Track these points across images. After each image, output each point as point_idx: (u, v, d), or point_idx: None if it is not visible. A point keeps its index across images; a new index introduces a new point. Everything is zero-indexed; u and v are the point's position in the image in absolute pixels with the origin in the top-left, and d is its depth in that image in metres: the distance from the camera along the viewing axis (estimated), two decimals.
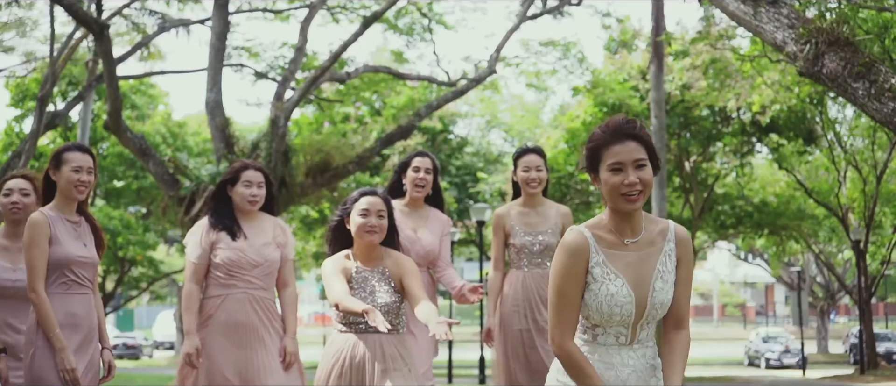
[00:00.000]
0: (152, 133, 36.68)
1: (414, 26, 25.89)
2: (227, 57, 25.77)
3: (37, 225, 5.48)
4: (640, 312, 3.65)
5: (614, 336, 3.67)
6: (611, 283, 3.62)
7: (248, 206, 6.19)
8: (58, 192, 5.65)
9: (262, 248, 6.18)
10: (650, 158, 3.69)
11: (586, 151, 3.75)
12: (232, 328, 6.01)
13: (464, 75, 24.08)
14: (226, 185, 6.27)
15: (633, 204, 3.64)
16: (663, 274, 3.70)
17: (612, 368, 3.65)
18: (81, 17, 16.61)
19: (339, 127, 27.90)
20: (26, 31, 30.40)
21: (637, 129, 3.69)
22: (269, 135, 18.27)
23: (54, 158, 5.67)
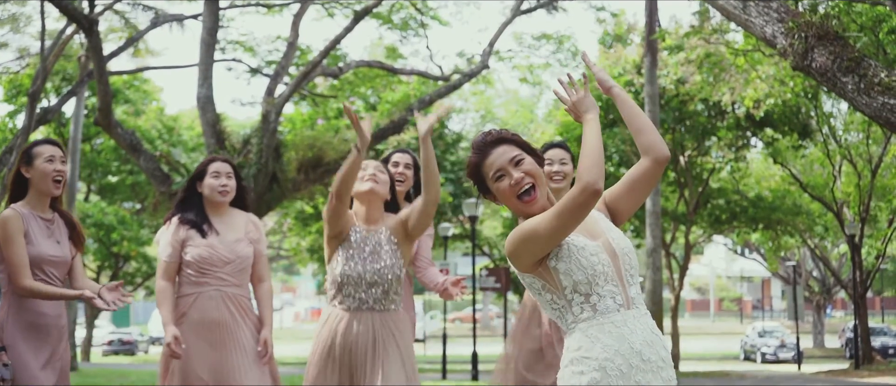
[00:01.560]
0: (147, 128, 36.62)
1: (408, 21, 25.81)
2: (221, 52, 25.74)
3: (10, 220, 5.41)
4: (616, 263, 3.58)
5: (611, 298, 3.54)
6: (573, 240, 3.55)
7: (218, 196, 6.08)
8: (31, 188, 5.58)
9: (234, 244, 6.06)
10: (529, 153, 3.69)
11: (471, 180, 3.78)
12: (205, 327, 5.90)
13: (457, 70, 24.01)
14: (194, 181, 6.17)
15: (533, 202, 3.63)
16: (610, 227, 3.68)
17: (624, 340, 3.51)
18: (70, 12, 16.54)
19: (334, 123, 27.82)
20: (20, 27, 30.34)
21: (499, 134, 3.72)
22: (260, 130, 18.19)
23: (25, 155, 5.60)
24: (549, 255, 3.54)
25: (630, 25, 28.67)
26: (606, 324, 3.53)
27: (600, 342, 3.51)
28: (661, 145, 3.68)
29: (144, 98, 38.54)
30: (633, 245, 3.70)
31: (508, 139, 3.68)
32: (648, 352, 3.53)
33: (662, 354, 3.58)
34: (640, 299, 3.65)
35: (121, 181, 37.95)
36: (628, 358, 3.49)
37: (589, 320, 3.55)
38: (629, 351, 3.50)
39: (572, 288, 3.54)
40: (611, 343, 3.50)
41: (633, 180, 3.72)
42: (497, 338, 48.42)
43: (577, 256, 3.52)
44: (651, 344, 3.55)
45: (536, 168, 3.64)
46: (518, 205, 3.62)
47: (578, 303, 3.56)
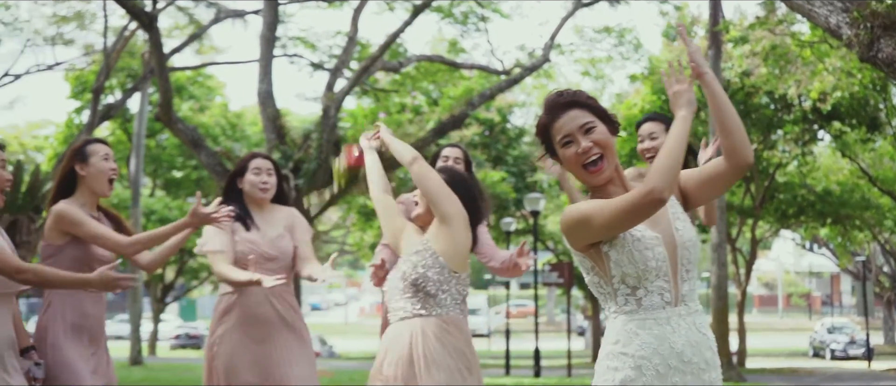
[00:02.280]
0: (210, 124, 36.87)
1: (469, 15, 25.70)
2: (282, 47, 25.82)
3: (70, 206, 5.40)
4: (672, 256, 3.41)
5: (658, 294, 3.38)
6: (628, 232, 3.37)
7: (259, 193, 6.00)
8: (82, 186, 5.53)
9: (276, 240, 5.98)
10: (602, 120, 3.49)
11: (539, 139, 3.59)
12: (250, 323, 5.83)
13: (518, 64, 23.85)
14: (235, 178, 6.10)
15: (599, 174, 3.46)
16: (678, 215, 3.49)
17: (664, 340, 3.35)
18: (132, 8, 16.63)
19: (396, 117, 27.79)
20: (85, 24, 30.69)
21: (573, 96, 3.50)
22: (320, 125, 18.17)
23: (78, 153, 5.54)
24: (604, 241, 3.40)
25: (694, 17, 28.28)
26: (648, 320, 3.38)
27: (639, 339, 3.37)
28: (747, 150, 3.38)
29: (208, 94, 38.82)
30: (697, 237, 3.52)
31: (582, 103, 3.48)
32: (690, 353, 3.37)
33: (707, 356, 3.42)
34: (693, 296, 3.48)
35: (185, 176, 38.26)
36: (667, 358, 3.35)
37: (631, 314, 3.41)
38: (668, 351, 3.35)
39: (620, 278, 3.40)
40: (650, 341, 3.36)
41: (709, 176, 3.50)
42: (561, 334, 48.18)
43: (631, 247, 3.36)
44: (695, 345, 3.40)
45: (608, 138, 3.45)
46: (583, 174, 3.47)
47: (624, 294, 3.42)
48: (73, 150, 5.61)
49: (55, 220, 5.41)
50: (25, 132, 43.33)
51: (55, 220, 5.41)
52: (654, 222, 3.41)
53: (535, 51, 24.29)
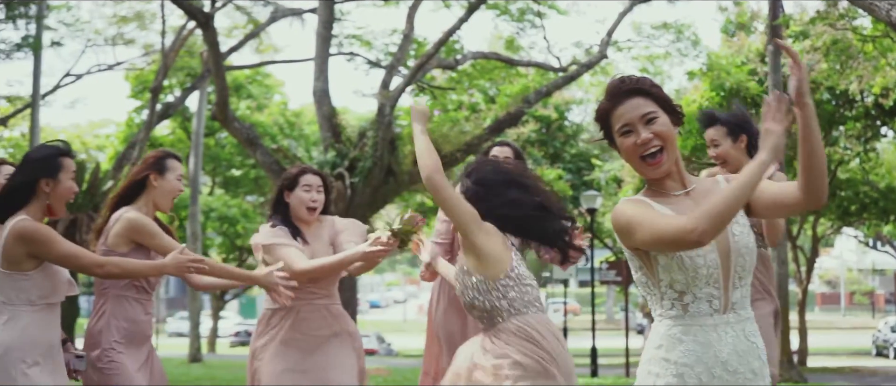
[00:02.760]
0: (269, 123, 37.08)
1: (525, 12, 25.59)
2: (339, 46, 25.88)
3: (143, 217, 5.40)
4: (725, 263, 3.24)
5: (707, 301, 3.23)
6: None
7: (305, 213, 5.85)
8: (148, 196, 5.52)
9: (324, 254, 5.84)
10: (666, 110, 3.34)
11: (598, 124, 3.46)
12: (299, 339, 5.71)
13: (575, 61, 23.72)
14: (283, 190, 5.95)
15: (657, 167, 3.32)
16: (737, 219, 3.30)
17: (709, 348, 3.21)
18: (188, 8, 16.73)
19: (452, 115, 27.76)
20: (145, 24, 30.99)
21: (636, 83, 3.36)
22: (376, 123, 18.17)
23: (158, 163, 5.53)
24: None
25: (753, 13, 27.98)
26: (694, 326, 3.25)
27: (683, 345, 3.24)
28: (825, 192, 3.19)
29: (266, 93, 39.04)
30: (755, 244, 3.36)
31: (646, 91, 3.34)
32: (736, 362, 3.23)
33: (755, 365, 3.28)
34: (745, 303, 3.33)
35: (244, 175, 38.53)
36: (710, 367, 3.21)
37: (677, 319, 3.28)
38: (713, 359, 3.22)
39: (668, 283, 3.27)
40: (694, 348, 3.23)
41: (779, 199, 3.30)
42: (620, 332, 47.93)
43: (681, 254, 3.20)
44: (743, 354, 3.26)
45: (669, 130, 3.32)
46: (640, 165, 3.34)
47: (670, 298, 3.28)
48: (154, 159, 5.58)
49: (128, 229, 5.37)
50: (87, 131, 43.85)
51: (128, 229, 5.37)
52: None
53: (592, 47, 24.13)
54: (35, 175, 4.88)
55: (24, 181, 4.89)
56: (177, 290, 69.70)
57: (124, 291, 5.40)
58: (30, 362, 4.68)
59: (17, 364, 4.64)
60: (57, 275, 4.86)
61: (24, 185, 4.88)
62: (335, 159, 17.71)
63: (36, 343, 4.73)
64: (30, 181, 4.88)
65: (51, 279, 4.82)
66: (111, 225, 5.42)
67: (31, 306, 4.75)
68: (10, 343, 4.66)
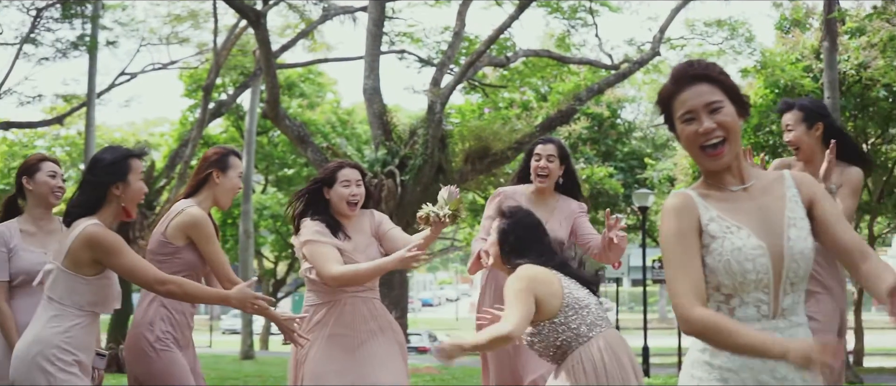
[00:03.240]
0: (321, 122, 37.19)
1: (577, 9, 25.47)
2: (389, 44, 25.89)
3: (206, 220, 5.41)
4: (777, 269, 3.08)
5: (755, 306, 3.07)
6: (734, 235, 3.09)
7: (346, 208, 5.81)
8: (211, 192, 5.55)
9: (367, 248, 5.82)
10: (732, 99, 3.18)
11: (659, 107, 3.30)
12: (341, 333, 5.68)
13: (627, 58, 23.57)
14: (321, 186, 5.91)
15: (717, 159, 3.15)
16: (795, 221, 3.14)
17: None
18: (239, 6, 16.80)
19: (502, 113, 27.69)
20: (199, 23, 31.21)
21: (705, 69, 3.19)
22: (426, 121, 18.14)
23: (222, 160, 5.56)
24: (700, 243, 3.12)
25: (808, 9, 27.65)
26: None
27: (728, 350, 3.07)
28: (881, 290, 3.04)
29: (318, 91, 39.16)
30: (812, 249, 3.16)
31: (713, 78, 3.17)
32: (785, 368, 3.05)
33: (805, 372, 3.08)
34: (797, 309, 3.16)
35: (296, 173, 38.67)
36: (757, 373, 3.07)
37: None
38: (760, 365, 3.06)
39: (715, 286, 3.11)
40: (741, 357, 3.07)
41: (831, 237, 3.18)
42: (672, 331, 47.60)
43: (728, 257, 3.06)
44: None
45: (734, 121, 3.14)
46: (700, 156, 3.17)
47: (716, 300, 3.13)
48: (217, 156, 5.61)
49: (189, 224, 5.38)
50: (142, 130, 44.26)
51: (189, 224, 5.38)
52: (762, 227, 3.12)
53: (645, 45, 23.97)
54: (105, 180, 4.87)
55: (94, 187, 4.88)
56: None
57: None
58: (62, 365, 4.65)
59: (52, 361, 4.62)
60: (111, 287, 4.87)
61: (96, 191, 4.86)
62: (386, 157, 17.70)
63: (76, 347, 4.71)
64: (101, 186, 4.88)
65: (105, 290, 4.83)
66: (172, 215, 5.42)
67: (79, 311, 4.74)
68: (50, 340, 4.66)
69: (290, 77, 37.16)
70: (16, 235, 5.57)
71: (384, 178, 17.26)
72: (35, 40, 27.61)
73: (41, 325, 4.70)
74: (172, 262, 5.35)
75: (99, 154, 4.96)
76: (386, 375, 5.64)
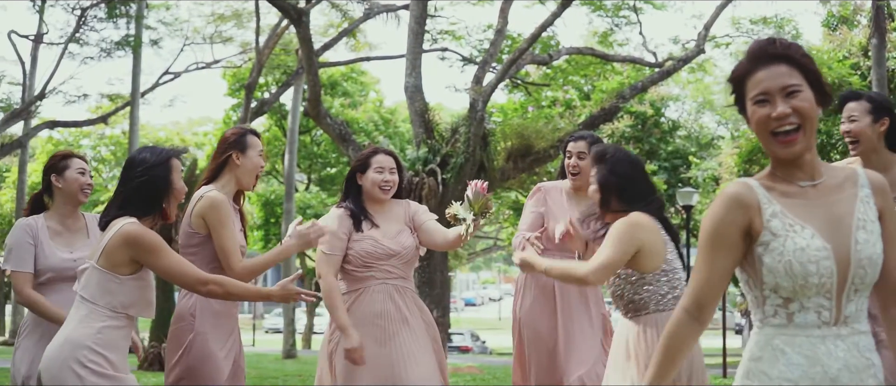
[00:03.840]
0: (364, 120, 37.19)
1: (621, 7, 25.29)
2: (432, 41, 25.83)
3: (225, 203, 5.28)
4: (842, 273, 2.84)
5: (815, 312, 2.85)
6: (797, 235, 2.85)
7: (379, 193, 5.76)
8: (232, 174, 5.44)
9: (398, 235, 5.76)
10: (812, 85, 2.93)
11: (730, 85, 3.05)
12: (371, 322, 5.57)
13: (671, 56, 23.35)
14: (355, 173, 5.88)
15: (789, 146, 2.90)
16: (865, 223, 2.91)
17: (816, 363, 2.83)
18: (280, 4, 16.77)
19: (545, 111, 27.55)
20: (242, 22, 31.33)
21: (786, 49, 2.94)
22: (467, 119, 18.03)
23: (240, 141, 5.44)
24: (758, 240, 2.90)
25: (856, 6, 27.31)
26: (799, 337, 2.88)
27: (785, 359, 2.87)
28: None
29: (361, 90, 39.18)
30: (880, 253, 2.93)
31: (794, 59, 2.93)
32: (847, 379, 2.85)
33: (870, 383, 2.89)
34: (861, 316, 2.94)
35: (339, 171, 38.70)
36: (817, 383, 2.84)
37: (779, 328, 2.91)
38: (822, 376, 2.84)
39: (772, 287, 2.89)
40: (799, 362, 2.85)
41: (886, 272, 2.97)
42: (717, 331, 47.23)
43: (789, 258, 2.84)
44: (856, 371, 2.87)
45: (812, 108, 2.90)
46: (769, 141, 2.93)
47: (773, 304, 2.91)
48: (235, 137, 5.48)
49: (205, 207, 5.25)
50: (186, 129, 44.53)
51: (205, 207, 5.25)
52: (828, 227, 2.89)
53: (689, 43, 23.75)
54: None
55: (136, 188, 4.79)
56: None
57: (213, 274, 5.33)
58: (94, 366, 4.51)
59: (83, 364, 4.48)
60: (147, 289, 4.74)
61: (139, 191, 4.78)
62: (427, 156, 17.60)
63: (107, 348, 4.58)
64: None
65: (140, 292, 4.69)
66: (193, 203, 5.31)
67: (111, 312, 4.60)
68: (80, 341, 4.52)
69: (332, 76, 37.22)
70: (43, 230, 5.53)
71: (425, 176, 17.16)
72: (80, 40, 27.81)
73: (72, 325, 4.59)
74: (203, 252, 5.27)
75: (138, 154, 4.86)
76: (418, 372, 5.52)
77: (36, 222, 5.55)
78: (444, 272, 18.38)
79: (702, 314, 2.99)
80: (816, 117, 2.93)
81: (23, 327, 5.49)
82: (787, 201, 2.93)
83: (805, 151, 2.94)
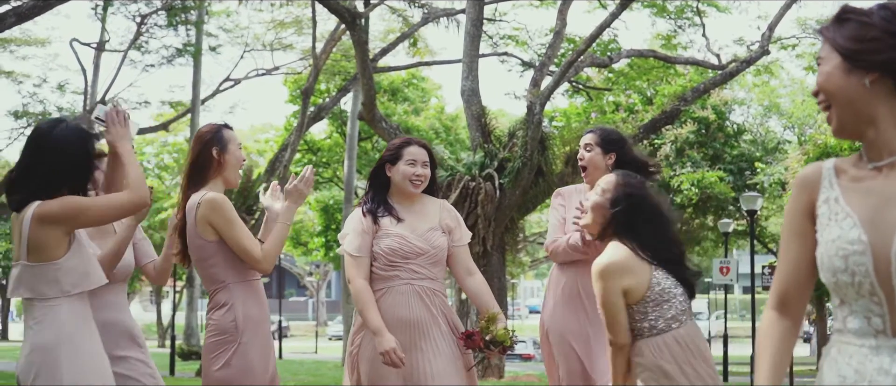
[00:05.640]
0: (425, 127, 37.05)
1: (684, 9, 24.89)
2: (494, 46, 25.61)
3: (225, 201, 5.03)
4: (884, 273, 2.34)
5: (864, 318, 2.39)
6: (836, 225, 2.42)
7: (409, 186, 5.34)
8: (218, 175, 5.11)
9: (427, 233, 5.34)
10: (848, 57, 2.45)
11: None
12: (397, 326, 5.18)
13: (735, 58, 22.90)
14: (384, 164, 5.45)
15: (830, 124, 2.53)
16: None
17: (863, 378, 2.36)
18: (335, 8, 16.63)
19: (609, 117, 27.19)
20: (302, 29, 31.32)
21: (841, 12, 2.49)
22: (525, 123, 17.76)
23: (217, 138, 5.10)
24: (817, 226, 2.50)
25: None
26: (850, 346, 2.42)
27: (836, 369, 2.45)
28: None
29: (423, 96, 39.05)
30: None
31: (822, 32, 2.53)
32: None
33: None
34: None
35: None
36: None
37: (838, 334, 2.48)
38: None
39: (832, 287, 2.46)
40: (848, 374, 2.41)
41: None
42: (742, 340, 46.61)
43: (822, 250, 2.45)
44: None
45: (833, 83, 2.47)
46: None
47: (834, 306, 2.51)
48: (211, 133, 5.16)
49: (207, 209, 4.98)
50: (249, 136, 44.68)
51: (207, 209, 4.98)
52: (874, 217, 2.39)
53: (754, 44, 23.28)
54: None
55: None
56: (336, 293, 70.66)
57: (248, 276, 5.07)
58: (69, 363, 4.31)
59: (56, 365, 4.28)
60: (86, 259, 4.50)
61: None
62: (484, 160, 17.35)
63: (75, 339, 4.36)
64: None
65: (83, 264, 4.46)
66: (193, 213, 5.02)
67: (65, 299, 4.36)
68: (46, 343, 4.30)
69: (394, 82, 37.14)
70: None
71: (482, 181, 16.90)
72: (141, 47, 27.96)
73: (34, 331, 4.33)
74: (221, 257, 5.01)
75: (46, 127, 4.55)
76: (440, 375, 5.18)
77: None
78: (502, 278, 18.13)
79: (787, 308, 2.64)
80: (845, 92, 2.47)
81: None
82: (851, 186, 2.50)
83: (859, 129, 2.50)
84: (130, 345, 5.36)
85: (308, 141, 37.21)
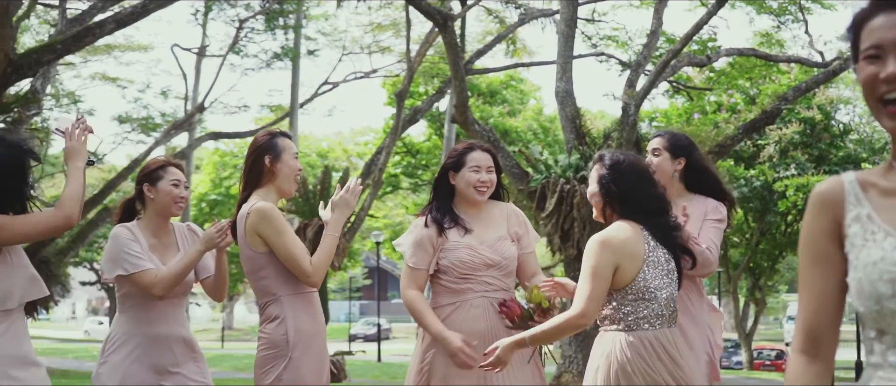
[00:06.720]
0: (523, 129, 36.86)
1: (786, 6, 24.30)
2: (593, 47, 25.32)
3: (275, 211, 4.91)
4: None
5: None
6: (876, 245, 2.09)
7: (474, 194, 5.13)
8: (271, 184, 5.05)
9: (497, 243, 5.12)
10: None
11: (848, 33, 2.27)
12: (470, 340, 4.93)
13: (840, 55, 22.26)
14: (448, 171, 5.26)
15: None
16: None
17: None
18: (426, 9, 16.52)
19: (711, 117, 26.69)
20: (400, 32, 31.39)
21: None
22: (619, 124, 17.47)
23: (271, 145, 5.05)
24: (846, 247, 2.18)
25: None
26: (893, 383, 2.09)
27: None
28: None
29: (521, 98, 38.89)
30: None
31: None
32: None
33: None
34: None
35: None
36: None
37: (875, 368, 2.14)
38: None
39: (861, 317, 2.15)
40: None
41: None
42: None
43: (860, 274, 2.10)
44: None
45: None
46: (877, 110, 2.15)
47: (868, 338, 2.16)
48: (266, 141, 5.08)
49: (256, 219, 4.89)
50: (349, 139, 44.96)
51: (256, 219, 4.89)
52: None
53: None
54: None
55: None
56: None
57: (301, 289, 4.95)
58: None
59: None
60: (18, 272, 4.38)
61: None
62: (579, 162, 17.06)
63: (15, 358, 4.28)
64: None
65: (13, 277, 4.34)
66: (242, 224, 4.94)
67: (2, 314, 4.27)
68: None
69: (492, 84, 37.01)
70: (142, 239, 5.23)
71: (577, 183, 16.62)
72: (240, 51, 28.23)
73: None
74: (272, 269, 4.92)
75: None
76: None
77: (134, 230, 5.26)
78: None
79: (817, 349, 2.25)
80: None
81: (110, 342, 5.19)
82: (885, 202, 2.17)
83: None
84: (186, 359, 5.25)
85: (406, 143, 37.27)
